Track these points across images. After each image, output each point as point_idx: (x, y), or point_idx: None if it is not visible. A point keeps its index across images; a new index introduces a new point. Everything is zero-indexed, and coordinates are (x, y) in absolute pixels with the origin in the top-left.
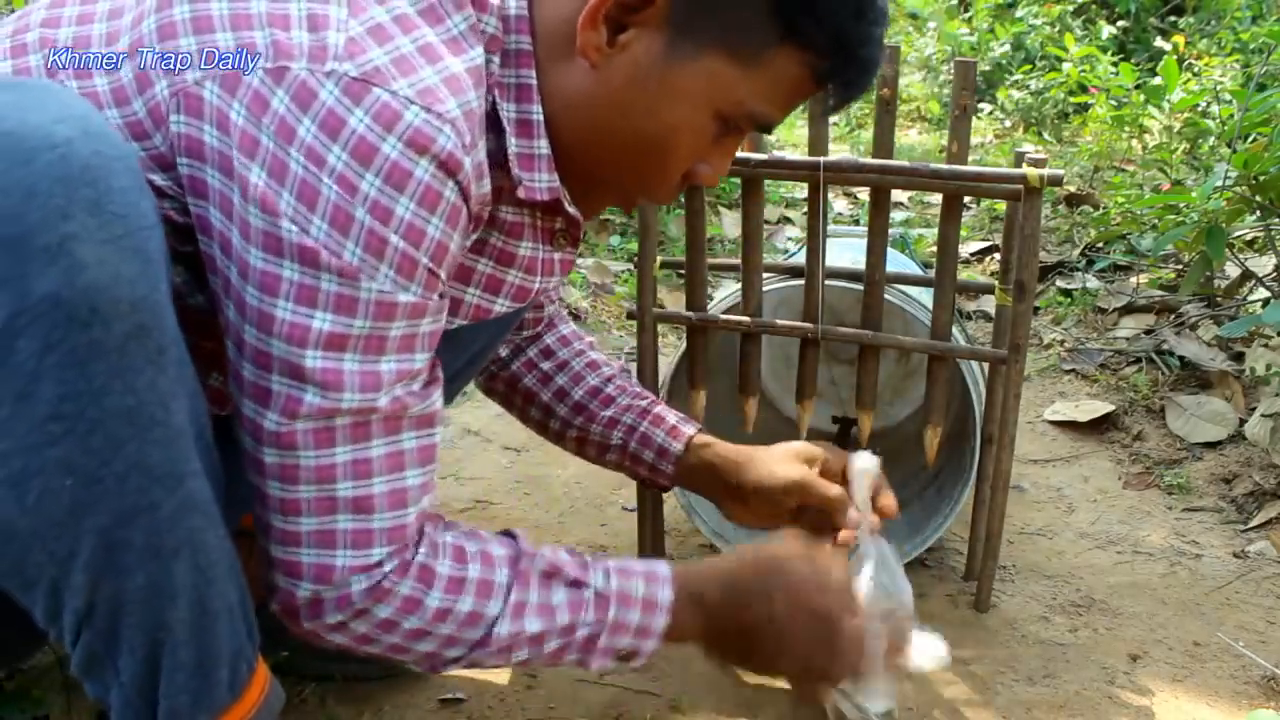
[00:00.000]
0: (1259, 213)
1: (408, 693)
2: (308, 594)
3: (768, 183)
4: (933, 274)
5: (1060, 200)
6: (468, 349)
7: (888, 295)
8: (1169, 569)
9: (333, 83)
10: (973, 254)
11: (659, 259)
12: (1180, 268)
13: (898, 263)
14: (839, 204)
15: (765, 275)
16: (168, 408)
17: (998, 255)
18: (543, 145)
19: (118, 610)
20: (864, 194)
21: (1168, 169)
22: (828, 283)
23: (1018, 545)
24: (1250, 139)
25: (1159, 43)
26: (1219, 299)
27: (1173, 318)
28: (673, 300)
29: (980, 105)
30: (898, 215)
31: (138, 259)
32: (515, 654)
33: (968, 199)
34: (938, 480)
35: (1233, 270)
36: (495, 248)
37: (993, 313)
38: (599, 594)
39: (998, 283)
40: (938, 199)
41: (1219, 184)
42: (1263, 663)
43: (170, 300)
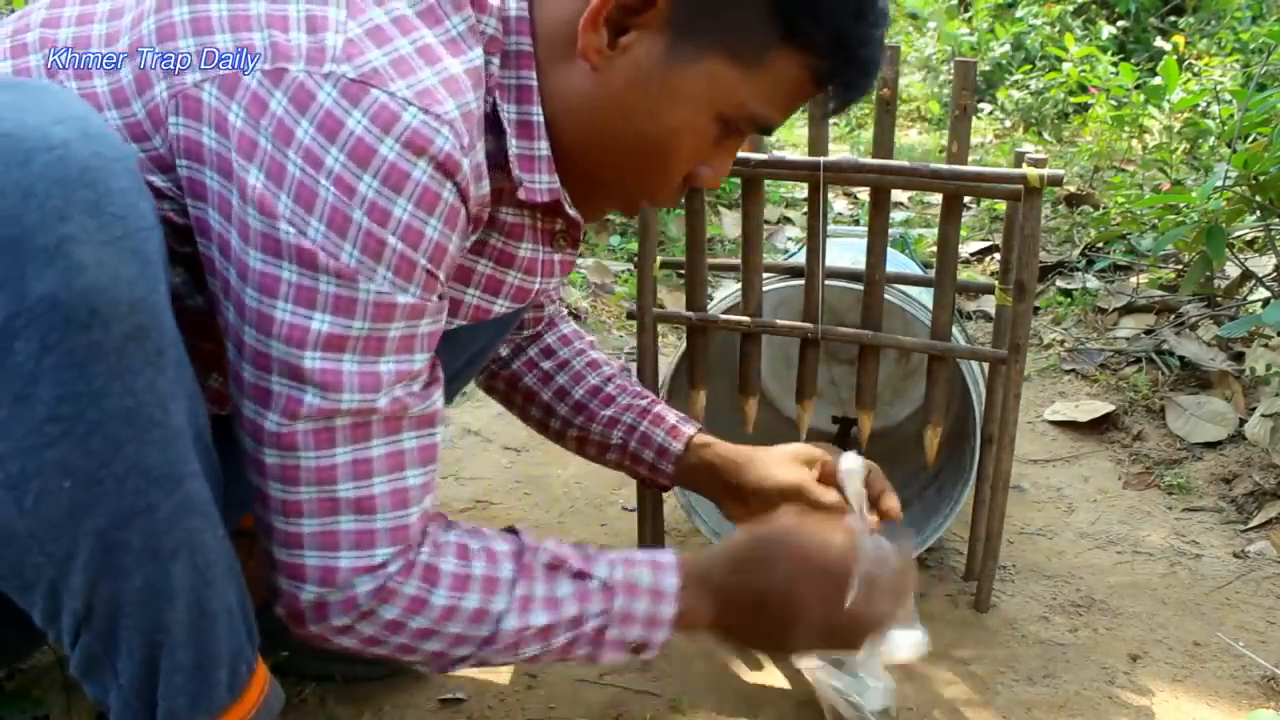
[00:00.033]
0: (1259, 213)
1: (408, 693)
2: (312, 596)
3: (768, 183)
4: (933, 274)
5: (1060, 200)
6: (467, 349)
7: (888, 295)
8: (1169, 569)
9: (331, 84)
10: (973, 254)
11: (659, 259)
12: (1180, 268)
13: (898, 263)
14: (839, 204)
15: (765, 275)
16: (166, 409)
17: (998, 255)
18: (543, 147)
19: (116, 612)
20: (864, 194)
21: (1168, 169)
22: (828, 283)
23: (1018, 545)
24: (1250, 139)
25: (1159, 43)
26: (1219, 299)
27: (1173, 318)
28: (673, 300)
29: (980, 105)
30: (898, 215)
31: (136, 260)
32: (523, 650)
33: (968, 199)
34: (938, 480)
35: (1233, 270)
36: (495, 249)
37: (993, 313)
38: (604, 584)
39: (998, 283)
40: (938, 199)
41: (1219, 184)
42: (1263, 663)
43: (169, 302)
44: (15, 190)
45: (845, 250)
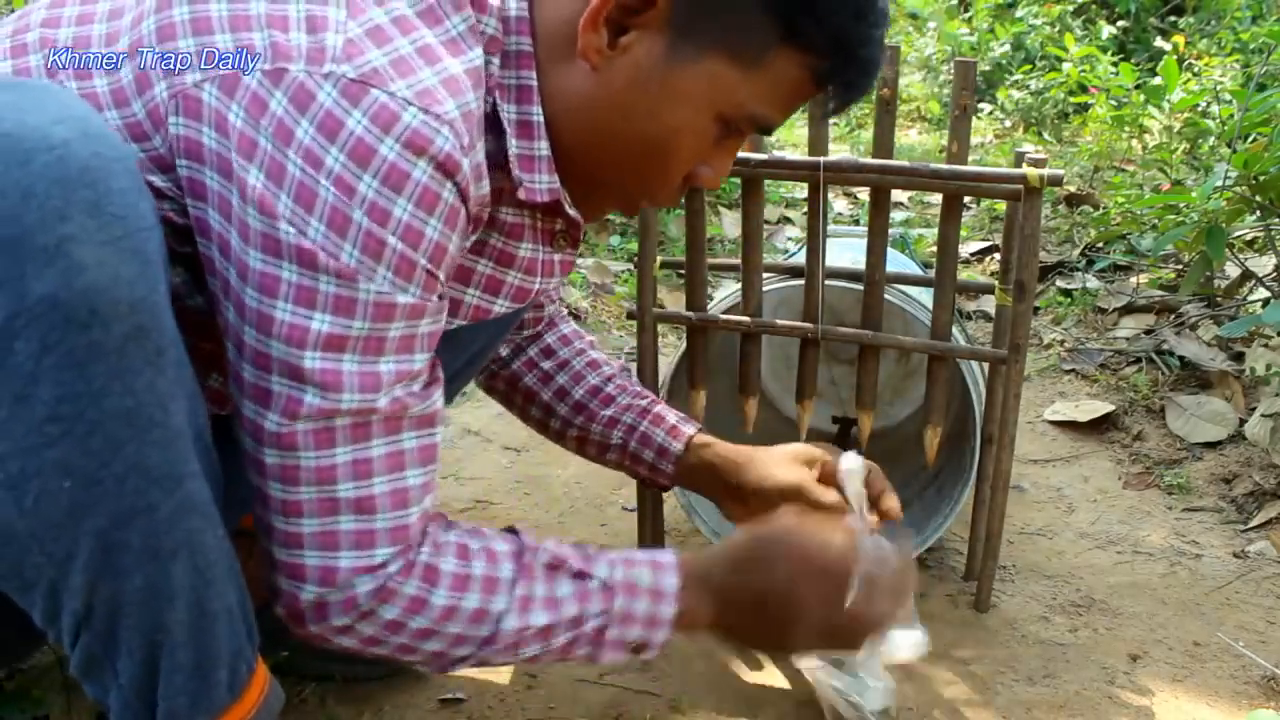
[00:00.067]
0: (1259, 213)
1: (408, 693)
2: (312, 596)
3: (768, 183)
4: (933, 274)
5: (1060, 200)
6: (467, 349)
7: (888, 295)
8: (1169, 569)
9: (331, 84)
10: (973, 254)
11: (659, 259)
12: (1180, 268)
13: (898, 263)
14: (839, 204)
15: (765, 275)
16: (166, 409)
17: (998, 255)
18: (543, 147)
19: (116, 612)
20: (864, 194)
21: (1168, 169)
22: (828, 283)
23: (1018, 545)
24: (1250, 139)
25: (1159, 43)
26: (1219, 299)
27: (1173, 318)
28: (673, 300)
29: (980, 105)
30: (898, 215)
31: (136, 260)
32: (523, 650)
33: (968, 199)
34: (938, 480)
35: (1233, 270)
36: (495, 249)
37: (993, 313)
38: (604, 584)
39: (998, 283)
40: (938, 199)
41: (1219, 184)
42: (1263, 663)
43: (169, 301)
44: (15, 190)
45: (845, 250)
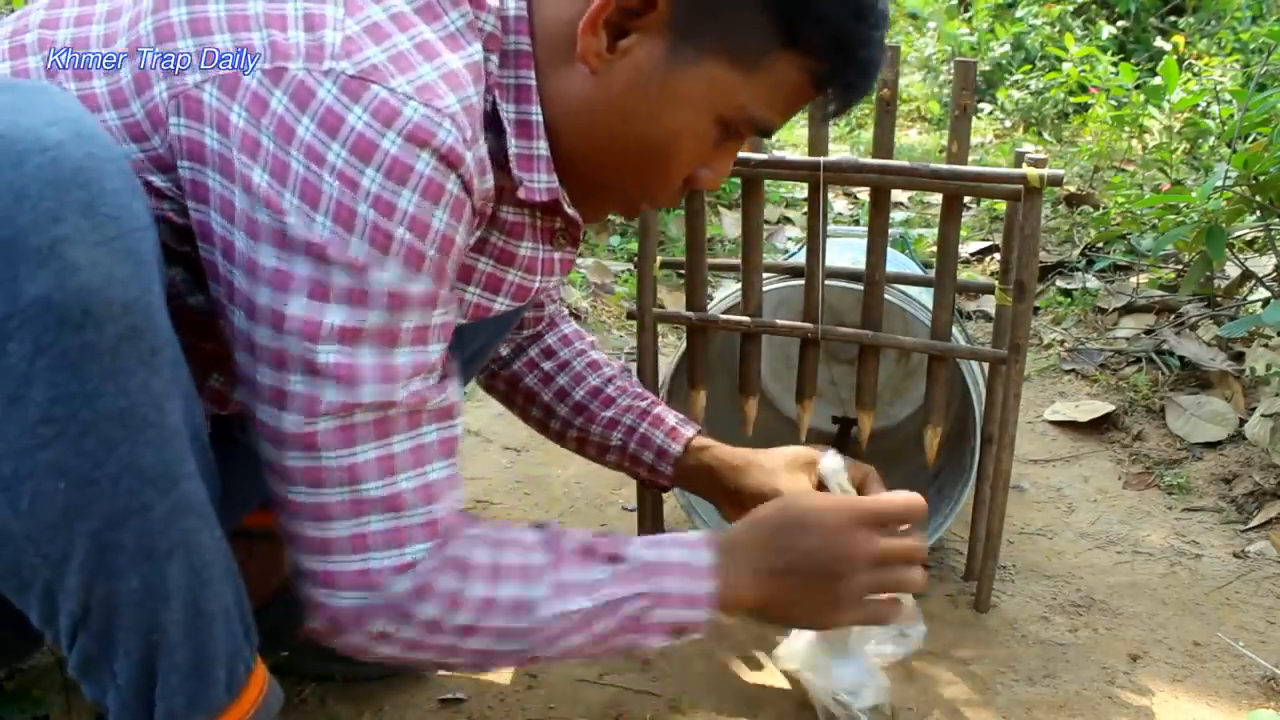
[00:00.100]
0: (1259, 213)
1: (408, 693)
2: (348, 603)
3: (768, 183)
4: (933, 274)
5: (1060, 200)
6: (468, 348)
7: (888, 295)
8: (1169, 569)
9: (330, 81)
10: (973, 254)
11: (659, 259)
12: (1180, 268)
13: (898, 263)
14: (839, 204)
15: (765, 275)
16: (161, 409)
17: (998, 255)
18: (541, 146)
19: (112, 613)
20: (864, 194)
21: (1168, 169)
22: (828, 283)
23: (1018, 545)
24: (1250, 139)
25: (1159, 43)
26: (1219, 299)
27: (1173, 318)
28: (673, 300)
29: (980, 105)
30: (898, 215)
31: (130, 261)
32: (566, 640)
33: (968, 199)
34: (938, 480)
35: (1233, 270)
36: (496, 247)
37: (993, 313)
38: (639, 565)
39: (998, 283)
40: (938, 199)
41: (1219, 184)
42: (1263, 663)
43: (163, 302)
44: (8, 191)
45: (845, 250)
